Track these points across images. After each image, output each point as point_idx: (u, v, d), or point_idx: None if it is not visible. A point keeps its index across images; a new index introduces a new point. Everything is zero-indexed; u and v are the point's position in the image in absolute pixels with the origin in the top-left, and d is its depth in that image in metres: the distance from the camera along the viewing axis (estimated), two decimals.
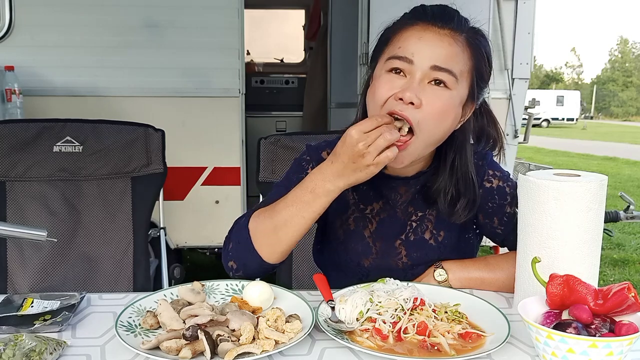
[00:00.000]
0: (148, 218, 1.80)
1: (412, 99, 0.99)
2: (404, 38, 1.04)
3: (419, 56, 1.01)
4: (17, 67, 2.68)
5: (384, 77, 1.04)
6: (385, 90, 1.02)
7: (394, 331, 0.89)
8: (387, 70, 1.04)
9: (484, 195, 1.17)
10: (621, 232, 5.92)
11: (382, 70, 1.05)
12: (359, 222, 1.20)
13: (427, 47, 1.02)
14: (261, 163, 1.75)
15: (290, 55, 5.70)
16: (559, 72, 76.68)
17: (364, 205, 1.21)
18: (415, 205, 1.19)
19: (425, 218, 1.19)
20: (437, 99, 1.01)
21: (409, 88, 1.00)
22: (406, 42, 1.03)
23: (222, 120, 3.08)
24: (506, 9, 3.12)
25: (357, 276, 1.20)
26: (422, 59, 1.01)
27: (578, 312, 0.81)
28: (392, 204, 1.19)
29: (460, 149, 1.12)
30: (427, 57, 1.01)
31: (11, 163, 1.71)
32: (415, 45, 1.02)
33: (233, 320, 0.90)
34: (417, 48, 1.01)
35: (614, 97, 64.68)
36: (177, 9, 2.96)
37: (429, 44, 1.02)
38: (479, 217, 1.20)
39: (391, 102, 1.01)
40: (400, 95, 1.00)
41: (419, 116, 1.00)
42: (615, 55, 70.58)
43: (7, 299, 1.05)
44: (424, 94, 1.00)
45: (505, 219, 1.17)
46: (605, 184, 0.95)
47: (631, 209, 2.32)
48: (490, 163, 1.20)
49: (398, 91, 1.00)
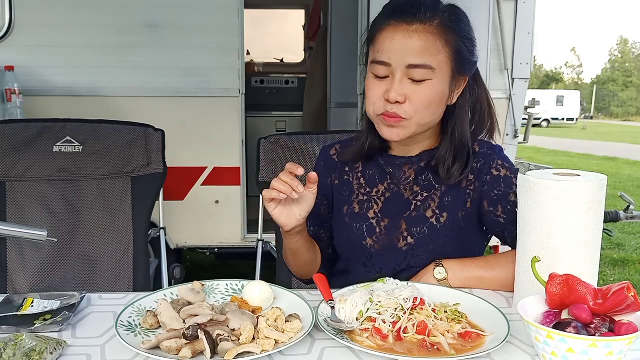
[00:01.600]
0: (148, 218, 1.80)
1: (396, 98, 1.10)
2: (380, 40, 1.12)
3: (394, 58, 1.10)
4: (17, 67, 2.68)
5: (370, 82, 1.15)
6: (373, 93, 1.15)
7: (393, 331, 0.89)
8: (372, 74, 1.14)
9: (491, 182, 1.20)
10: (621, 232, 5.92)
11: (370, 72, 1.16)
12: (363, 205, 1.26)
13: (399, 48, 1.10)
14: (261, 163, 1.75)
15: (290, 55, 5.70)
16: (559, 72, 76.70)
17: (370, 188, 1.26)
18: (420, 184, 1.23)
19: (430, 198, 1.22)
20: (420, 92, 1.11)
21: (392, 89, 1.11)
22: (382, 45, 1.12)
23: (222, 120, 3.08)
24: (506, 9, 3.12)
25: (360, 260, 1.24)
26: (397, 60, 1.10)
27: (578, 311, 0.81)
28: (397, 182, 1.25)
29: (458, 119, 1.20)
30: (400, 58, 1.10)
31: (11, 163, 1.71)
32: (389, 47, 1.11)
33: (233, 320, 0.90)
34: (391, 50, 1.10)
35: (614, 97, 64.68)
36: (177, 9, 2.96)
37: (400, 44, 1.10)
38: (483, 205, 1.21)
39: (380, 103, 1.13)
40: (386, 97, 1.12)
41: (408, 109, 1.12)
42: (615, 55, 70.58)
43: (8, 299, 1.05)
44: (407, 90, 1.11)
45: (509, 207, 1.17)
46: (605, 183, 0.95)
47: (631, 209, 2.32)
48: (499, 154, 1.24)
49: (384, 93, 1.12)
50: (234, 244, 3.20)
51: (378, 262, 1.23)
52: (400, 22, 1.10)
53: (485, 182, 1.20)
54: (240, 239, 3.19)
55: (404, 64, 1.09)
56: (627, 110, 62.20)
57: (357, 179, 1.29)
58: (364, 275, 1.22)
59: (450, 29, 1.11)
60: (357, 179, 1.29)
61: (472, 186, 1.20)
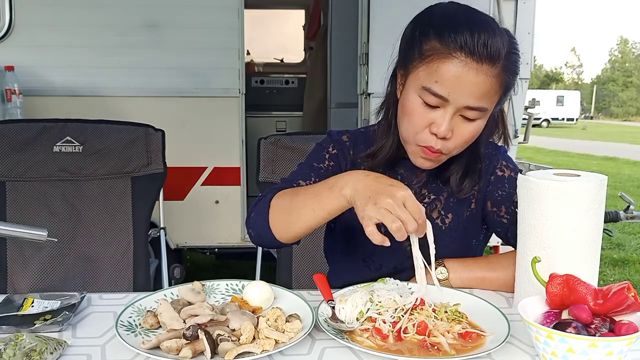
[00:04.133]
0: (148, 218, 1.80)
1: (445, 134, 1.04)
2: (443, 72, 1.01)
3: (455, 96, 1.02)
4: (17, 67, 2.69)
5: (417, 107, 1.06)
6: (418, 121, 1.06)
7: (394, 331, 0.89)
8: (421, 100, 1.05)
9: (495, 182, 1.20)
10: (621, 232, 5.92)
11: (416, 94, 1.05)
12: None
13: (464, 88, 1.01)
14: (261, 163, 1.75)
15: (290, 55, 5.70)
16: (559, 72, 76.73)
17: None
18: (428, 188, 1.23)
19: (437, 199, 1.22)
20: (466, 129, 1.06)
21: (443, 125, 1.04)
22: (444, 78, 1.01)
23: (222, 120, 3.08)
24: (506, 9, 3.12)
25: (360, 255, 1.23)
26: (457, 99, 1.02)
27: (578, 311, 0.81)
28: (407, 184, 1.21)
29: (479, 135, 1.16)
30: (461, 98, 1.02)
31: (11, 163, 1.71)
32: (453, 84, 1.01)
33: (233, 320, 0.90)
34: (453, 88, 1.01)
35: (614, 97, 64.69)
36: (177, 9, 2.96)
37: (466, 84, 1.01)
38: (487, 205, 1.21)
39: (424, 135, 1.07)
40: (434, 130, 1.05)
41: (450, 145, 1.07)
42: (615, 55, 70.59)
43: (8, 299, 1.05)
44: (455, 126, 1.05)
45: (512, 208, 1.17)
46: (605, 184, 0.95)
47: (631, 209, 2.32)
48: (503, 155, 1.24)
49: (432, 125, 1.05)
50: (234, 244, 3.21)
51: (378, 259, 1.22)
52: (470, 58, 1.00)
53: (489, 182, 1.21)
54: (240, 239, 3.20)
55: (463, 104, 1.02)
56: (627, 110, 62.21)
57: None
58: (362, 271, 1.21)
59: (511, 73, 1.05)
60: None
61: (477, 186, 1.21)
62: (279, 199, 1.10)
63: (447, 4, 1.09)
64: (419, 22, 1.09)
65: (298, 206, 1.05)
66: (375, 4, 2.94)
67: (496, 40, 1.01)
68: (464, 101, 1.02)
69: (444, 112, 1.04)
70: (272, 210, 1.09)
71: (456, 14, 1.05)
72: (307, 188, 1.08)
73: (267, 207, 1.10)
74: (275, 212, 1.09)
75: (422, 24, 1.07)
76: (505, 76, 1.04)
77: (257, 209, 1.14)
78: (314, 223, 1.04)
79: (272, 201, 1.10)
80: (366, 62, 3.04)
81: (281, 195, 1.11)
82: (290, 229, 1.08)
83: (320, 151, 1.25)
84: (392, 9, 2.88)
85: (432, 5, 1.10)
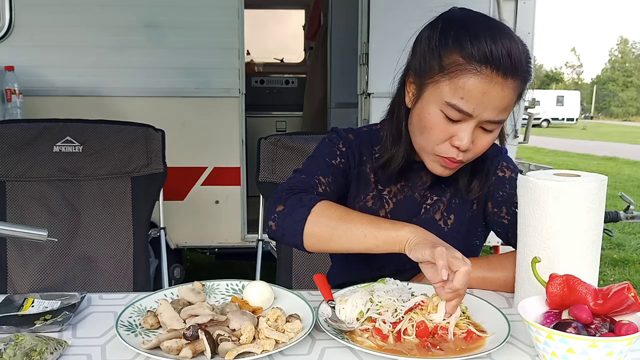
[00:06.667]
0: (148, 218, 1.80)
1: (467, 147, 1.04)
2: (469, 88, 0.99)
3: (479, 111, 1.01)
4: (17, 67, 2.69)
5: (438, 121, 1.04)
6: (439, 134, 1.05)
7: (394, 331, 0.89)
8: (442, 114, 1.03)
9: (496, 183, 1.21)
10: (621, 232, 5.92)
11: (437, 108, 1.03)
12: (376, 201, 1.24)
13: (489, 104, 1.00)
14: (261, 163, 1.75)
15: (290, 55, 5.70)
16: (559, 72, 76.71)
17: (382, 186, 1.24)
18: (432, 189, 1.23)
19: (440, 201, 1.22)
20: (484, 140, 1.07)
21: (465, 139, 1.03)
22: (470, 95, 1.00)
23: (222, 120, 3.08)
24: (506, 9, 3.12)
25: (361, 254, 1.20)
26: (481, 114, 1.01)
27: (578, 312, 0.81)
28: (412, 186, 1.23)
29: None
30: (485, 113, 1.01)
31: (11, 163, 1.71)
32: (478, 100, 1.00)
33: (233, 320, 0.90)
34: (478, 104, 1.00)
35: (614, 97, 64.70)
36: (177, 9, 2.96)
37: (491, 100, 1.00)
38: (487, 206, 1.22)
39: (444, 147, 1.06)
40: (456, 144, 1.04)
41: (470, 155, 1.08)
42: (615, 55, 70.59)
43: (8, 299, 1.05)
44: (474, 137, 1.05)
45: (513, 209, 1.17)
46: (605, 184, 0.95)
47: (631, 209, 2.32)
48: (505, 156, 1.25)
49: (454, 138, 1.04)
50: (234, 244, 3.21)
51: (380, 259, 1.22)
52: (495, 73, 0.98)
53: (490, 183, 1.21)
54: (240, 239, 3.20)
55: (486, 118, 1.02)
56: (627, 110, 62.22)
57: (372, 173, 1.24)
58: (363, 271, 1.21)
59: (527, 82, 1.05)
60: (372, 173, 1.24)
61: (486, 185, 1.21)
62: (325, 209, 1.05)
63: (460, 10, 1.07)
64: (434, 31, 1.05)
65: (348, 226, 1.01)
66: (375, 4, 2.94)
67: (517, 49, 1.01)
68: (487, 115, 1.01)
69: (466, 126, 1.03)
70: (312, 218, 1.03)
71: (474, 22, 1.03)
72: (360, 213, 1.06)
73: (307, 212, 1.04)
74: (317, 221, 1.03)
75: (439, 32, 1.04)
76: (522, 86, 1.05)
77: (290, 205, 1.06)
78: (356, 247, 1.02)
79: (315, 208, 1.04)
80: (366, 62, 3.04)
81: (327, 206, 1.05)
82: (326, 244, 1.04)
83: (331, 147, 1.22)
84: (392, 9, 2.88)
85: (445, 12, 1.07)
